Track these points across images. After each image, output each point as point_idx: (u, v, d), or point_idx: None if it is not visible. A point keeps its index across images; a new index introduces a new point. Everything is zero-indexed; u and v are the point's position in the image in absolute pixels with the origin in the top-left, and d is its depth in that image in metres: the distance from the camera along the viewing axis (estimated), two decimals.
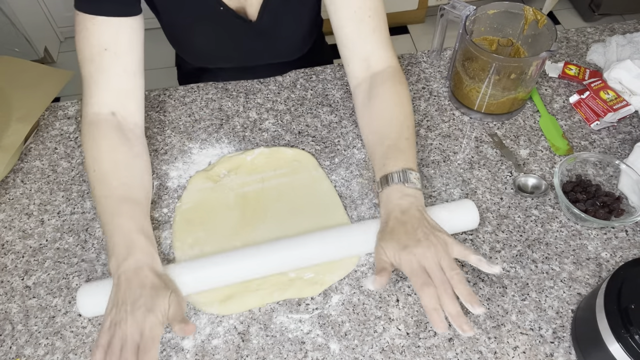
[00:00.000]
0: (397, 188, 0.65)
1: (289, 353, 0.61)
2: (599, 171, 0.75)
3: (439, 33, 0.87)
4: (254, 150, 0.81)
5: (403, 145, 0.69)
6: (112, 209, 0.64)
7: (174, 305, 0.58)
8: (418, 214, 0.62)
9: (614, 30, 0.99)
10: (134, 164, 0.70)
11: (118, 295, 0.58)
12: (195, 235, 0.72)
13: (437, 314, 0.55)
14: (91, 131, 0.69)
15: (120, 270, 0.59)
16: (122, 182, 0.67)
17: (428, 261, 0.58)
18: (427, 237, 0.60)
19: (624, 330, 0.50)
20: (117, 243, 0.61)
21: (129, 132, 0.71)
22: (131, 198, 0.66)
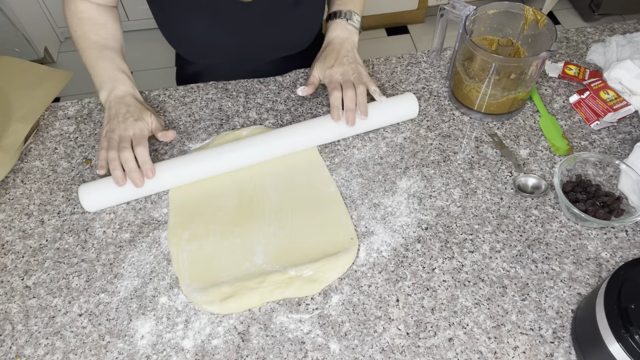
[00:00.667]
0: (341, 22, 0.86)
1: (289, 353, 0.61)
2: (599, 171, 0.75)
3: (439, 33, 0.87)
4: (250, 126, 0.84)
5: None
6: (95, 55, 0.80)
7: (155, 121, 0.77)
8: (349, 47, 0.84)
9: (614, 30, 0.99)
10: (108, 23, 0.84)
11: (110, 113, 0.75)
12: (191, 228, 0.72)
13: (338, 110, 0.77)
14: (70, 5, 0.83)
15: (110, 97, 0.77)
16: (101, 37, 0.82)
17: (344, 77, 0.80)
18: (349, 63, 0.82)
19: (624, 330, 0.50)
20: (104, 80, 0.78)
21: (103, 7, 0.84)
22: (110, 47, 0.82)
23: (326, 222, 0.72)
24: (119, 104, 0.76)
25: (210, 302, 0.65)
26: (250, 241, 0.71)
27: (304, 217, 0.73)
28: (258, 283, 0.66)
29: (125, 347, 0.62)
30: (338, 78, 0.80)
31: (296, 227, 0.72)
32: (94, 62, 0.80)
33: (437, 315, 0.63)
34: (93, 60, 0.80)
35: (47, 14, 2.19)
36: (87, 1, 0.83)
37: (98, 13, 0.83)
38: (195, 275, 0.68)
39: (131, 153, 0.71)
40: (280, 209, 0.74)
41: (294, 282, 0.66)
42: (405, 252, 0.69)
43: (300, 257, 0.68)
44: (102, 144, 0.74)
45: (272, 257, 0.69)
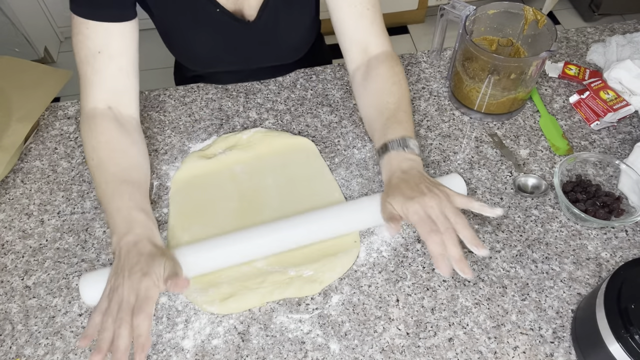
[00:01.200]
0: (397, 154, 0.69)
1: (289, 353, 0.61)
2: (599, 171, 0.75)
3: (439, 33, 0.87)
4: (251, 129, 0.83)
5: (401, 116, 0.73)
6: (111, 192, 0.67)
7: (169, 270, 0.61)
8: (419, 173, 0.66)
9: (614, 30, 0.99)
10: (131, 150, 0.73)
11: (118, 265, 0.61)
12: (190, 230, 0.72)
13: (443, 259, 0.58)
14: (89, 124, 0.72)
15: (121, 244, 0.63)
16: (120, 167, 0.70)
17: (433, 210, 0.61)
18: (430, 189, 0.63)
19: (624, 330, 0.50)
20: (117, 222, 0.65)
21: (125, 123, 0.74)
22: (129, 180, 0.69)
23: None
24: (129, 253, 0.62)
25: (210, 302, 0.65)
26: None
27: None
28: (258, 283, 0.66)
29: None
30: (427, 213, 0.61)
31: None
32: (108, 200, 0.67)
33: (437, 315, 0.63)
34: (108, 198, 0.67)
35: (47, 14, 2.19)
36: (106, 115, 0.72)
37: (119, 137, 0.72)
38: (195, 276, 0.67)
39: (127, 329, 0.57)
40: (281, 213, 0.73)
41: (294, 282, 0.66)
42: (405, 252, 0.69)
43: (301, 258, 0.68)
44: (101, 304, 0.60)
45: (273, 260, 0.69)
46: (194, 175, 0.78)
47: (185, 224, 0.73)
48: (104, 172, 0.69)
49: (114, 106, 0.74)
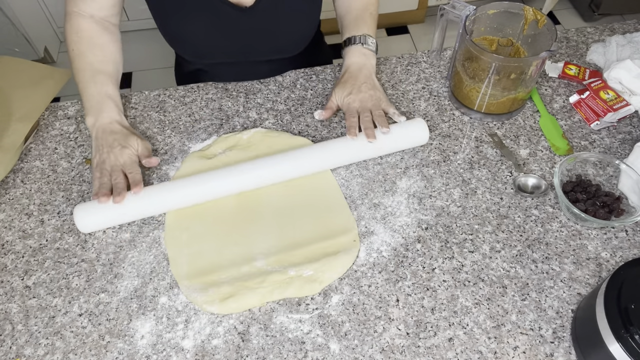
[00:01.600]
0: (356, 48, 0.85)
1: (289, 353, 0.61)
2: (599, 171, 0.75)
3: (439, 33, 0.87)
4: (251, 130, 0.83)
5: (366, 17, 0.88)
6: (87, 79, 0.80)
7: (141, 145, 0.77)
8: (367, 73, 0.84)
9: (614, 30, 0.99)
10: (108, 46, 0.84)
11: (97, 143, 0.76)
12: (190, 229, 0.72)
13: (354, 129, 0.77)
14: (71, 21, 0.82)
15: (96, 125, 0.78)
16: (97, 59, 0.82)
17: (362, 104, 0.80)
18: (367, 90, 0.81)
19: (624, 330, 0.50)
20: (92, 105, 0.79)
21: (105, 24, 0.84)
22: (103, 70, 0.81)
23: (329, 228, 0.72)
24: (105, 133, 0.77)
25: (210, 302, 0.65)
26: (251, 248, 0.70)
27: (305, 225, 0.72)
28: (258, 283, 0.66)
29: (125, 347, 0.62)
30: (356, 106, 0.80)
31: (298, 234, 0.71)
32: (84, 85, 0.80)
33: (437, 315, 0.63)
34: (84, 83, 0.80)
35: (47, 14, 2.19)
36: (89, 18, 0.82)
37: (98, 33, 0.83)
38: (194, 276, 0.67)
39: (122, 178, 0.73)
40: (281, 214, 0.73)
41: (294, 282, 0.66)
42: (405, 252, 0.69)
43: (301, 257, 0.68)
44: (95, 175, 0.74)
45: (273, 260, 0.69)
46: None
47: (183, 224, 0.73)
48: (82, 60, 0.81)
49: (98, 15, 0.83)
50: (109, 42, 0.84)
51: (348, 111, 0.79)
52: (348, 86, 0.82)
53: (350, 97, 0.81)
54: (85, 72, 0.80)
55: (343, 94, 0.81)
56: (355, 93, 0.81)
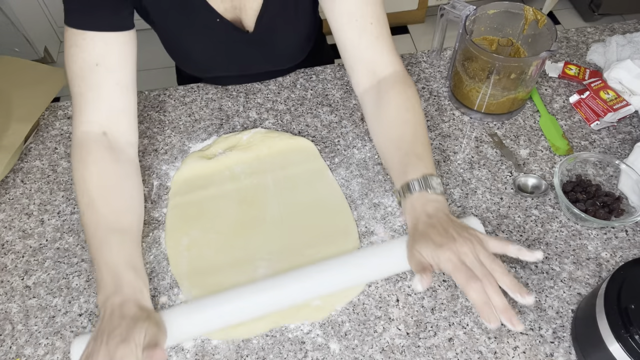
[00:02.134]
0: (420, 195, 0.63)
1: (289, 353, 0.61)
2: (599, 171, 0.75)
3: (439, 33, 0.87)
4: (251, 130, 0.83)
5: (419, 150, 0.67)
6: (100, 240, 0.62)
7: (150, 337, 0.56)
8: (445, 217, 0.61)
9: (614, 30, 0.99)
10: (124, 187, 0.67)
11: (99, 327, 0.57)
12: (190, 233, 0.72)
13: (488, 307, 0.53)
14: (80, 153, 0.67)
15: (107, 304, 0.58)
16: (111, 208, 0.64)
17: (468, 256, 0.56)
18: (460, 234, 0.58)
19: (624, 330, 0.50)
20: (104, 277, 0.60)
21: (120, 153, 0.69)
22: (120, 227, 0.64)
23: (331, 233, 0.71)
24: (112, 315, 0.57)
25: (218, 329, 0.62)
26: (253, 256, 0.69)
27: (308, 228, 0.72)
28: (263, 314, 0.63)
29: None
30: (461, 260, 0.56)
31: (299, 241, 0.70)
32: (96, 251, 0.62)
33: (437, 315, 0.63)
34: (96, 248, 0.62)
35: (47, 14, 2.19)
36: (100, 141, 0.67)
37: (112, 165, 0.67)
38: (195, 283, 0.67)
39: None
40: (282, 219, 0.73)
41: (301, 311, 0.63)
42: None
43: None
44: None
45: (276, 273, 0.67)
46: (194, 175, 0.78)
47: (184, 226, 0.73)
48: (95, 213, 0.64)
49: (110, 131, 0.68)
50: (127, 179, 0.68)
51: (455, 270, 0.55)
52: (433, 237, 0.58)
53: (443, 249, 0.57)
54: (97, 232, 0.63)
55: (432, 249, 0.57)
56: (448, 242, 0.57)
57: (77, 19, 0.65)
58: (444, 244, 0.57)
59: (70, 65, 0.67)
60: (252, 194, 0.76)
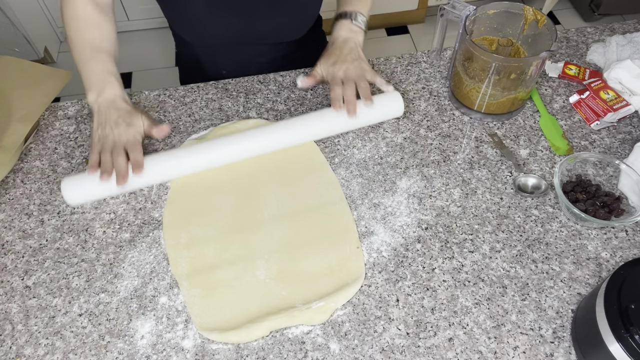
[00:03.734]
0: (345, 23, 0.86)
1: (289, 353, 0.61)
2: (599, 171, 0.75)
3: (439, 33, 0.87)
4: (248, 120, 0.84)
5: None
6: (87, 55, 0.79)
7: (147, 121, 0.77)
8: (353, 45, 0.84)
9: (614, 30, 0.99)
10: (106, 25, 0.83)
11: (100, 117, 0.75)
12: (189, 231, 0.72)
13: (338, 102, 0.78)
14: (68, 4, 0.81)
15: (99, 100, 0.76)
16: (95, 36, 0.81)
17: (346, 73, 0.80)
18: (352, 60, 0.82)
19: (624, 330, 0.50)
20: (94, 80, 0.77)
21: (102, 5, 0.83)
22: (102, 48, 0.80)
23: (331, 231, 0.71)
24: (108, 109, 0.75)
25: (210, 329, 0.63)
26: (252, 254, 0.69)
27: (307, 226, 0.72)
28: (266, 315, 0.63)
29: (125, 347, 0.62)
30: (340, 75, 0.80)
31: (299, 238, 0.70)
32: (84, 62, 0.79)
33: (437, 315, 0.63)
34: (84, 61, 0.79)
35: (47, 14, 2.19)
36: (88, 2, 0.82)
37: (95, 13, 0.82)
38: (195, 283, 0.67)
39: (124, 158, 0.72)
40: (281, 217, 0.73)
41: (302, 314, 0.63)
42: (405, 252, 0.69)
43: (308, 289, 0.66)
44: (94, 148, 0.74)
45: (276, 274, 0.67)
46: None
47: (183, 223, 0.73)
48: (81, 39, 0.80)
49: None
50: (105, 22, 0.84)
51: (332, 81, 0.80)
52: (332, 56, 0.82)
53: (334, 67, 0.81)
54: (85, 51, 0.80)
55: (327, 64, 0.82)
56: (340, 63, 0.81)
57: None
58: (336, 62, 0.82)
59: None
60: (251, 191, 0.76)
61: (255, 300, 0.65)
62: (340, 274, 0.67)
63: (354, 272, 0.67)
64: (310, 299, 0.64)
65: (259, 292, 0.66)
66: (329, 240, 0.70)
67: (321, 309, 0.64)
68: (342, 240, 0.70)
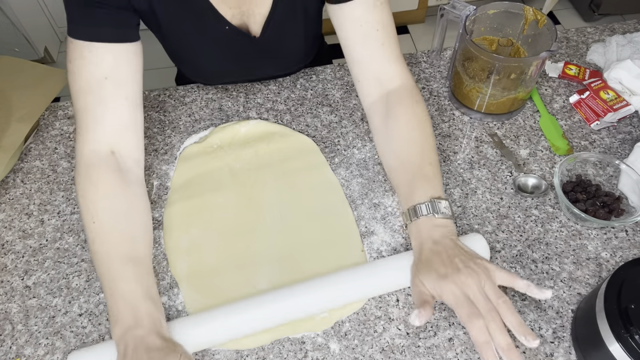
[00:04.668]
0: (427, 220, 0.61)
1: (289, 353, 0.61)
2: (599, 171, 0.75)
3: (439, 33, 0.87)
4: (249, 121, 0.83)
5: (427, 171, 0.65)
6: (115, 272, 0.59)
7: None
8: (452, 243, 0.59)
9: (614, 30, 0.99)
10: (134, 210, 0.65)
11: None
12: (190, 234, 0.71)
13: (490, 347, 0.51)
14: (89, 174, 0.64)
15: (127, 338, 0.56)
16: (124, 236, 0.62)
17: (472, 289, 0.54)
18: (466, 264, 0.56)
19: (624, 330, 0.50)
20: (121, 310, 0.57)
21: (128, 173, 0.66)
22: (134, 257, 0.61)
23: (334, 234, 0.70)
24: (137, 349, 0.54)
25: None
26: (253, 261, 0.68)
27: (309, 231, 0.71)
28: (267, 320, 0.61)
29: None
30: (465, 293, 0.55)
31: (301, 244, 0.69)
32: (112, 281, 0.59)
33: (437, 315, 0.63)
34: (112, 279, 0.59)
35: (47, 14, 2.19)
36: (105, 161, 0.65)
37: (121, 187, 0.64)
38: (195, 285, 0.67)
39: None
40: (282, 219, 0.72)
41: (307, 323, 0.63)
42: None
43: None
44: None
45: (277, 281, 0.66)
46: (193, 173, 0.78)
47: (183, 225, 0.72)
48: (106, 241, 0.61)
49: (117, 150, 0.66)
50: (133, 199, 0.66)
51: (457, 304, 0.54)
52: (437, 267, 0.57)
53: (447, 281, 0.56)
54: (111, 263, 0.60)
55: (435, 280, 0.57)
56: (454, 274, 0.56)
57: (82, 30, 0.62)
58: (447, 275, 0.55)
59: (76, 79, 0.63)
60: (252, 192, 0.76)
61: None
62: None
63: None
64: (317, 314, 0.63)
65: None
66: (332, 246, 0.69)
67: (325, 319, 0.63)
68: (345, 245, 0.70)
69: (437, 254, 0.58)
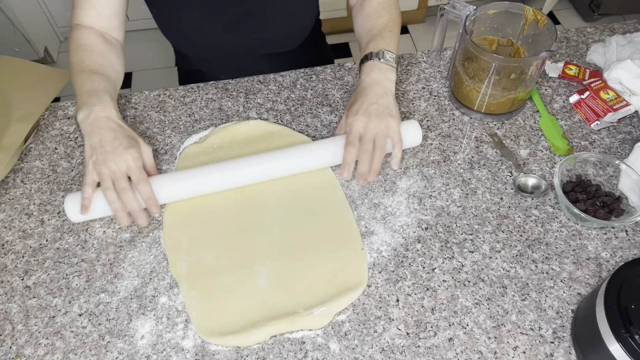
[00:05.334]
0: (373, 63, 0.76)
1: (289, 353, 0.61)
2: (599, 171, 0.75)
3: (439, 33, 0.87)
4: (249, 121, 0.83)
5: (385, 34, 0.80)
6: (85, 77, 0.73)
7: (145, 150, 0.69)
8: (380, 91, 0.73)
9: (614, 30, 0.99)
10: (109, 54, 0.79)
11: (92, 140, 0.66)
12: (189, 234, 0.72)
13: (348, 167, 0.70)
14: (73, 33, 0.79)
15: (90, 118, 0.67)
16: (97, 63, 0.76)
17: (367, 131, 0.70)
18: (378, 115, 0.70)
19: (624, 330, 0.50)
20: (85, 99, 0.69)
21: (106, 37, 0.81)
22: (103, 73, 0.75)
23: (334, 234, 0.71)
24: (102, 129, 0.65)
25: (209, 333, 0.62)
26: (253, 260, 0.68)
27: (309, 230, 0.71)
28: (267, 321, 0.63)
29: (125, 347, 0.62)
30: (359, 130, 0.71)
31: (301, 243, 0.70)
32: (81, 83, 0.72)
33: (437, 315, 0.63)
34: (80, 83, 0.73)
35: (47, 14, 2.19)
36: (90, 29, 0.80)
37: (99, 42, 0.79)
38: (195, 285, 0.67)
39: (132, 193, 0.66)
40: (283, 218, 0.72)
41: (303, 319, 0.63)
42: (405, 252, 0.69)
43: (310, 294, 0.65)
44: (88, 178, 0.66)
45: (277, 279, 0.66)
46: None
47: (183, 225, 0.72)
48: (81, 64, 0.75)
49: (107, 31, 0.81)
50: (109, 51, 0.80)
51: (350, 135, 0.70)
52: (356, 105, 0.72)
53: (355, 117, 0.71)
54: (83, 73, 0.74)
55: (350, 113, 0.73)
56: (363, 114, 0.71)
57: None
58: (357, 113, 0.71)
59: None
60: (252, 192, 0.76)
61: (256, 305, 0.64)
62: (343, 279, 0.66)
63: (356, 276, 0.67)
64: (311, 305, 0.64)
65: (260, 298, 0.65)
66: (331, 244, 0.70)
67: (322, 314, 0.63)
68: (344, 244, 0.70)
69: (364, 95, 0.73)
